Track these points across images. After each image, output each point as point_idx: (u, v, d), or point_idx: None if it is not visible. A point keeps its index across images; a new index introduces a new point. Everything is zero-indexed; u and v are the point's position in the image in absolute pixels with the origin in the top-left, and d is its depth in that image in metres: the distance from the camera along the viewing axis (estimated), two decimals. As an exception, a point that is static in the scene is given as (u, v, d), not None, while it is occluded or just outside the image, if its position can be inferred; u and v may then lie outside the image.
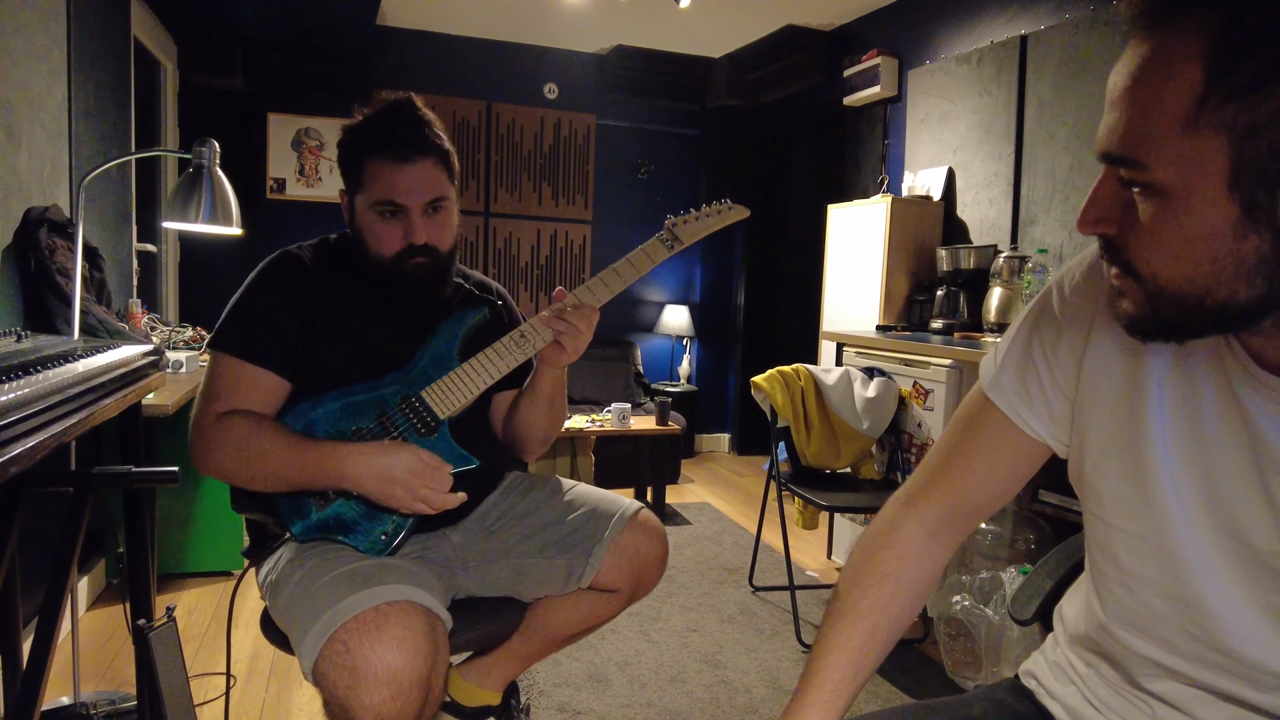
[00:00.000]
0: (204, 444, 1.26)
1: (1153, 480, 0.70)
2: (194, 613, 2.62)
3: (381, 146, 1.31)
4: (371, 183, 1.32)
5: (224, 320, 1.34)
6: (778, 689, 2.23)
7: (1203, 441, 0.68)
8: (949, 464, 0.86)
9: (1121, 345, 0.73)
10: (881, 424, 2.79)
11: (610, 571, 1.42)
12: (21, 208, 2.16)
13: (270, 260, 1.38)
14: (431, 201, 1.34)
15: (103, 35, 2.91)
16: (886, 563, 0.85)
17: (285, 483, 1.26)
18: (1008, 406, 0.81)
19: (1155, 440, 0.70)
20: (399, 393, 1.34)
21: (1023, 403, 0.81)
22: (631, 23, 4.54)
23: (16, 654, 1.45)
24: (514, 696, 1.65)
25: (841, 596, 0.85)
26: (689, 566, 3.19)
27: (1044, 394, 0.79)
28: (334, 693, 1.08)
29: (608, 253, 5.34)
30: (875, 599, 0.83)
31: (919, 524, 0.87)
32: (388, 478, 1.24)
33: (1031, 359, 0.80)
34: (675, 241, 1.38)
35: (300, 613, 1.18)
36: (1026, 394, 0.80)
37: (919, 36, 3.78)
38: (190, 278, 4.28)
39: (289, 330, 1.33)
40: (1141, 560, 0.73)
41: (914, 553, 0.86)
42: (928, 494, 0.87)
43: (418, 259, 1.34)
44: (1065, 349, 0.78)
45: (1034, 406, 0.80)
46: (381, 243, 1.34)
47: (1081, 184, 2.88)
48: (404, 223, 1.33)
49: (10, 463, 0.83)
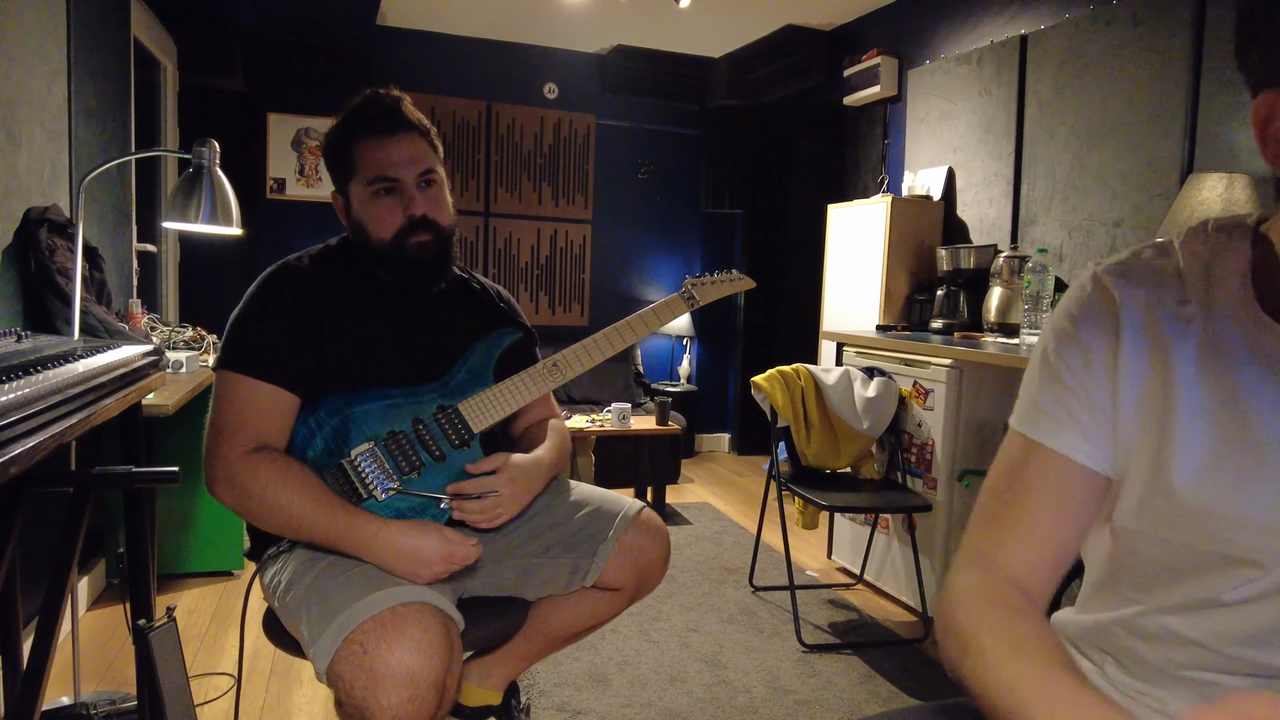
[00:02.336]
0: (225, 485, 1.25)
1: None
2: (194, 613, 2.62)
3: (365, 127, 1.36)
4: (362, 164, 1.36)
5: (227, 339, 1.32)
6: (778, 689, 2.24)
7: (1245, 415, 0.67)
8: (1005, 520, 0.75)
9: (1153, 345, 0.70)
10: (881, 424, 2.79)
11: (614, 570, 1.42)
12: (21, 208, 2.16)
13: (268, 274, 1.37)
14: (423, 174, 1.37)
15: (103, 35, 2.91)
16: (1003, 602, 0.72)
17: (307, 538, 1.26)
18: (1055, 439, 0.73)
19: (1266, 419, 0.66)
20: (435, 402, 1.36)
21: (1071, 430, 0.73)
22: (631, 23, 4.54)
23: (16, 654, 1.45)
24: (514, 696, 1.65)
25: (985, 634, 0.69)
26: (689, 566, 3.19)
27: (1090, 417, 0.73)
28: (350, 694, 1.08)
29: (607, 253, 5.35)
30: (1030, 621, 0.70)
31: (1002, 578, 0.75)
32: (418, 560, 1.23)
33: (1065, 384, 0.74)
34: (693, 300, 1.53)
35: (313, 613, 1.18)
36: (1072, 421, 0.73)
37: (919, 36, 3.78)
38: (190, 278, 4.28)
39: (295, 343, 1.31)
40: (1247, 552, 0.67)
41: (1017, 594, 0.74)
42: (993, 558, 0.75)
43: (420, 236, 1.36)
44: (1097, 365, 0.73)
45: (1085, 432, 0.73)
46: (381, 223, 1.36)
47: (1081, 183, 2.88)
48: (400, 198, 1.36)
49: (10, 463, 0.83)
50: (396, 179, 1.35)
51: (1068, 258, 2.93)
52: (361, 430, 1.32)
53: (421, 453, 1.34)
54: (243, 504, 1.25)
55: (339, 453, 1.31)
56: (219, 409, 1.29)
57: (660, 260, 5.47)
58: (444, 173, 1.43)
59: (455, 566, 1.27)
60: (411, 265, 1.38)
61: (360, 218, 1.38)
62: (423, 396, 1.36)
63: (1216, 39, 2.43)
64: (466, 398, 1.38)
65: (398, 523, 1.26)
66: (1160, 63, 2.60)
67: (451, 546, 1.26)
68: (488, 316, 1.53)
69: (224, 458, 1.25)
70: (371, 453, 1.32)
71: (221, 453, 1.25)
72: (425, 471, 1.34)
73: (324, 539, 1.24)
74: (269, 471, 1.24)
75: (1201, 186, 2.22)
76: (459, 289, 1.53)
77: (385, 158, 1.34)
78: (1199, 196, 2.21)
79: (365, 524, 1.24)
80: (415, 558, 1.23)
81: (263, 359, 1.29)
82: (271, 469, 1.24)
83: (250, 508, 1.25)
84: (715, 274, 1.55)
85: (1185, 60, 2.51)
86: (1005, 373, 2.62)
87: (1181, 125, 2.53)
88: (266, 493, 1.23)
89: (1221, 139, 2.41)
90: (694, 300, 1.52)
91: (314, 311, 1.34)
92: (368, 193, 1.36)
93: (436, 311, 1.46)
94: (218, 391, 1.30)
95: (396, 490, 1.31)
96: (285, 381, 1.30)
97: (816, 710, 2.13)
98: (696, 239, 5.50)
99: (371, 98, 1.38)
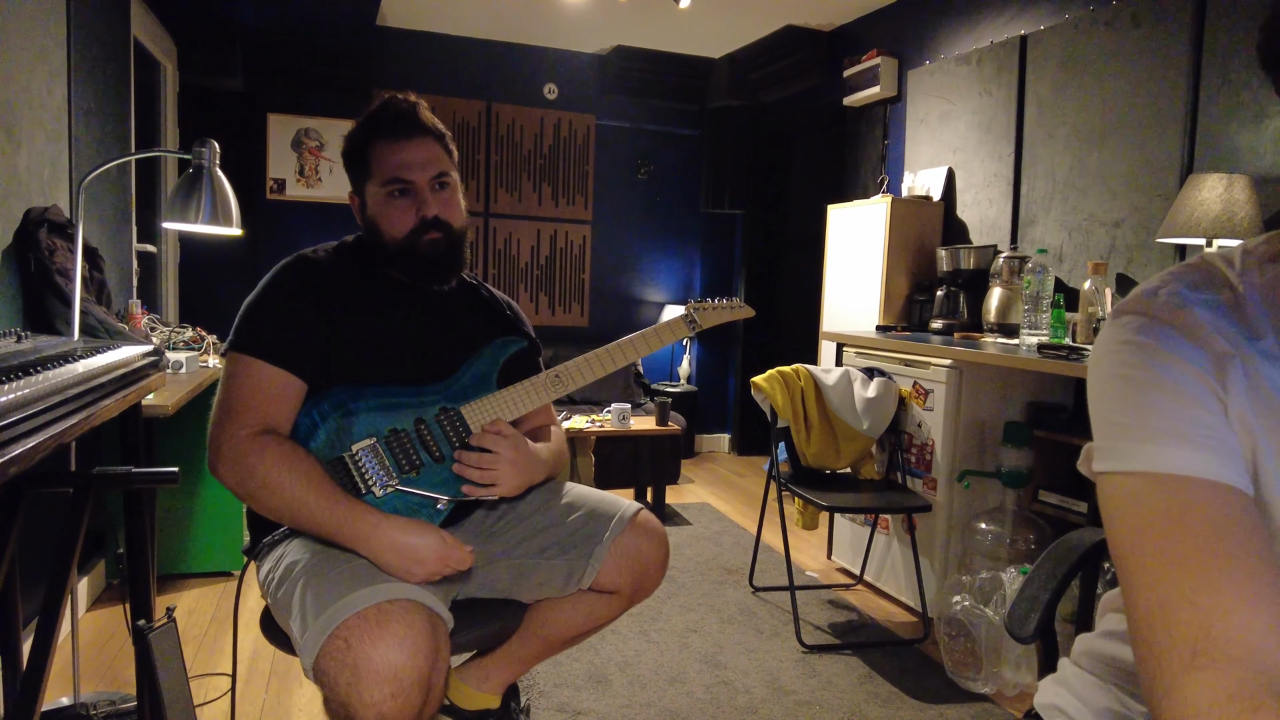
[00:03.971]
0: (230, 464, 1.25)
1: None
2: (194, 613, 2.62)
3: (382, 130, 1.40)
4: (378, 166, 1.40)
5: (240, 322, 1.34)
6: (778, 689, 2.24)
7: None
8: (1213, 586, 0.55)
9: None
10: (881, 424, 2.79)
11: (610, 573, 1.42)
12: (21, 208, 2.16)
13: (286, 262, 1.40)
14: (437, 177, 1.41)
15: (103, 35, 2.91)
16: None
17: (305, 525, 1.26)
18: (1207, 470, 0.58)
19: None
20: (439, 403, 1.38)
21: (1221, 460, 0.58)
22: (631, 23, 4.54)
23: (16, 654, 1.45)
24: (514, 699, 1.64)
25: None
26: (689, 567, 3.19)
27: (1224, 436, 0.59)
28: (335, 690, 1.08)
29: (607, 253, 5.35)
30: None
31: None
32: (413, 558, 1.24)
33: (1185, 405, 0.60)
34: (695, 324, 1.58)
35: (301, 610, 1.18)
36: (1216, 448, 0.59)
37: (919, 36, 3.78)
38: (190, 278, 4.28)
39: (308, 331, 1.33)
40: None
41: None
42: (1230, 640, 0.53)
43: (431, 234, 1.40)
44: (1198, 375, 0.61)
45: (1231, 458, 0.59)
46: (394, 222, 1.40)
47: (1081, 184, 2.88)
48: (414, 199, 1.40)
49: (10, 463, 0.83)
50: (411, 181, 1.39)
51: (1067, 258, 2.93)
52: (364, 425, 1.33)
53: (422, 452, 1.35)
54: (245, 485, 1.25)
55: (340, 446, 1.32)
56: (228, 388, 1.30)
57: (660, 261, 5.47)
58: (457, 177, 1.47)
59: (448, 569, 1.28)
60: (422, 262, 1.42)
61: (375, 217, 1.42)
62: (426, 397, 1.38)
63: (1216, 39, 2.43)
64: (469, 401, 1.39)
65: (397, 518, 1.27)
66: (1160, 63, 2.60)
67: (447, 548, 1.27)
68: (495, 323, 1.56)
69: (232, 437, 1.26)
70: (373, 449, 1.33)
71: (230, 432, 1.26)
72: (424, 471, 1.35)
73: (322, 527, 1.25)
74: (275, 454, 1.25)
75: (1201, 187, 2.22)
76: (468, 294, 1.56)
77: (400, 160, 1.38)
78: (1199, 196, 2.21)
79: (365, 515, 1.25)
80: (411, 555, 1.24)
81: (274, 343, 1.31)
82: (278, 452, 1.25)
83: (252, 489, 1.25)
84: (717, 300, 1.62)
85: (1185, 60, 2.51)
86: (1005, 373, 2.62)
87: (1181, 125, 2.53)
88: (270, 475, 1.24)
89: (1221, 139, 2.41)
90: (696, 324, 1.57)
91: (326, 303, 1.36)
92: (383, 193, 1.40)
93: (445, 314, 1.49)
94: (228, 371, 1.32)
95: (395, 488, 1.32)
96: (295, 367, 1.31)
97: (816, 711, 2.13)
98: (696, 239, 5.50)
99: (389, 102, 1.42)
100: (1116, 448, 0.60)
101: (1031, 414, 2.64)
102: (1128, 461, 0.60)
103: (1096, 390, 0.64)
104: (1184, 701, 0.53)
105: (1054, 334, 2.58)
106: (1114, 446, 0.61)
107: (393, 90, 1.46)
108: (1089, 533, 1.04)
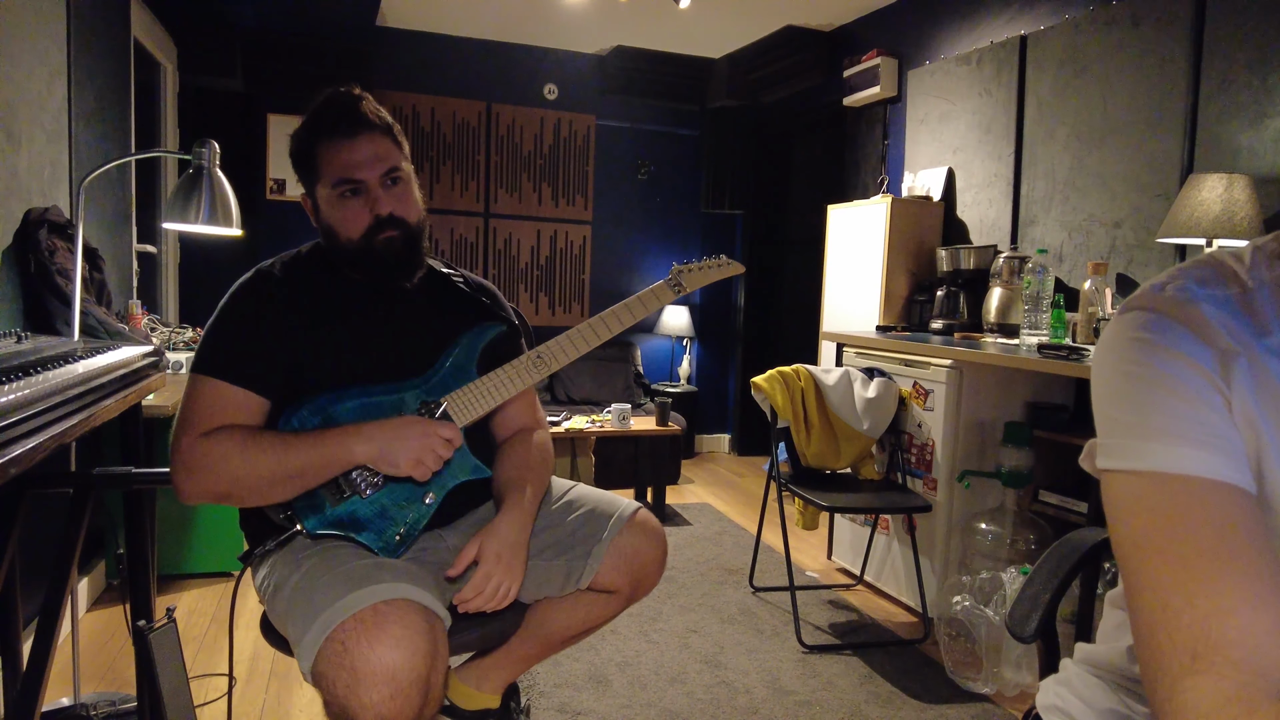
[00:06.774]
0: (185, 469, 1.22)
1: None
2: (194, 614, 2.62)
3: (326, 130, 1.35)
4: (326, 167, 1.35)
5: (202, 344, 1.32)
6: (778, 689, 2.23)
7: None
8: (1214, 588, 0.55)
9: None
10: (882, 424, 2.79)
11: (609, 573, 1.42)
12: (21, 209, 2.16)
13: (243, 281, 1.37)
14: (387, 173, 1.36)
15: (102, 36, 2.91)
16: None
17: (287, 476, 1.23)
18: (1210, 469, 0.58)
19: None
20: (419, 397, 1.36)
21: (1224, 460, 0.58)
22: (631, 23, 4.54)
23: (16, 654, 1.45)
24: (513, 699, 1.64)
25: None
26: (689, 567, 3.19)
27: (1229, 435, 0.59)
28: (333, 693, 1.08)
29: (607, 253, 5.35)
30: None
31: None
32: (397, 435, 1.25)
33: (1192, 405, 0.59)
34: (680, 287, 1.50)
35: (298, 614, 1.17)
36: (1221, 447, 0.59)
37: (919, 36, 3.78)
38: (190, 279, 4.28)
39: (269, 348, 1.31)
40: None
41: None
42: (1228, 642, 0.54)
43: (387, 233, 1.36)
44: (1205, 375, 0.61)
45: (1234, 457, 0.59)
46: (348, 224, 1.36)
47: (1081, 184, 2.88)
48: (365, 198, 1.35)
49: (11, 463, 0.83)
50: (361, 180, 1.34)
51: (1067, 258, 2.93)
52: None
53: None
54: (205, 484, 1.22)
55: None
56: (186, 405, 1.27)
57: (660, 261, 5.47)
58: (410, 168, 1.42)
59: (437, 448, 1.27)
60: (381, 262, 1.37)
61: (329, 220, 1.38)
62: (406, 393, 1.36)
63: (1216, 39, 2.43)
64: (450, 392, 1.37)
65: (375, 421, 1.28)
66: (1160, 63, 2.60)
67: (430, 425, 1.27)
68: (469, 312, 1.50)
69: (178, 448, 1.23)
70: None
71: (184, 443, 1.23)
72: None
73: (306, 470, 1.23)
74: (230, 442, 1.22)
75: (1201, 187, 2.22)
76: (437, 286, 1.51)
77: (348, 159, 1.34)
78: (1199, 197, 2.21)
79: (341, 430, 1.26)
80: (395, 434, 1.25)
81: (234, 363, 1.28)
82: (231, 439, 1.23)
83: (210, 486, 1.22)
84: (704, 260, 1.53)
85: (1185, 60, 2.51)
86: (1005, 373, 2.62)
87: (1181, 125, 2.53)
88: (230, 459, 1.21)
89: (1221, 139, 2.41)
90: (680, 287, 1.49)
91: (287, 316, 1.33)
92: (334, 195, 1.36)
93: (415, 309, 1.45)
94: (187, 391, 1.29)
95: (380, 486, 1.31)
96: (256, 386, 1.29)
97: (817, 711, 2.13)
98: (696, 240, 5.50)
99: (330, 98, 1.38)
100: (1119, 445, 0.61)
101: (1032, 414, 2.64)
102: (1130, 460, 0.60)
103: (1101, 386, 0.64)
104: (1184, 706, 0.53)
105: (1054, 334, 2.58)
106: (1117, 444, 0.61)
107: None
108: (1090, 533, 1.04)
